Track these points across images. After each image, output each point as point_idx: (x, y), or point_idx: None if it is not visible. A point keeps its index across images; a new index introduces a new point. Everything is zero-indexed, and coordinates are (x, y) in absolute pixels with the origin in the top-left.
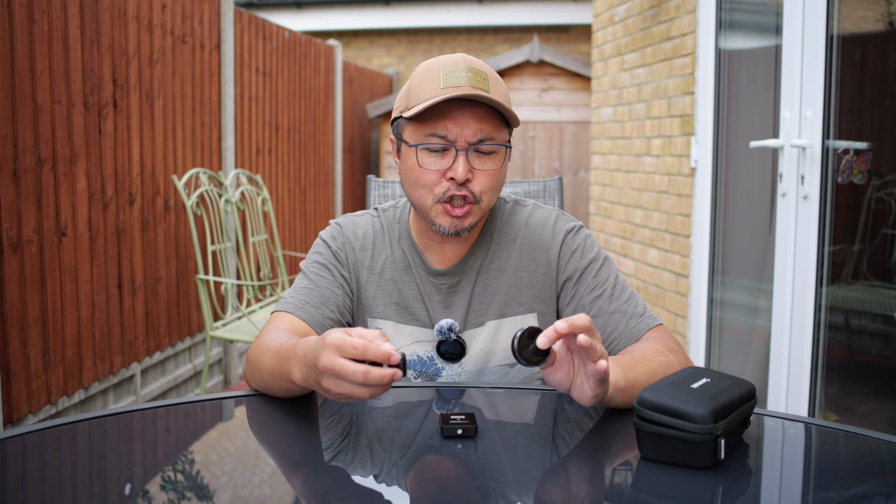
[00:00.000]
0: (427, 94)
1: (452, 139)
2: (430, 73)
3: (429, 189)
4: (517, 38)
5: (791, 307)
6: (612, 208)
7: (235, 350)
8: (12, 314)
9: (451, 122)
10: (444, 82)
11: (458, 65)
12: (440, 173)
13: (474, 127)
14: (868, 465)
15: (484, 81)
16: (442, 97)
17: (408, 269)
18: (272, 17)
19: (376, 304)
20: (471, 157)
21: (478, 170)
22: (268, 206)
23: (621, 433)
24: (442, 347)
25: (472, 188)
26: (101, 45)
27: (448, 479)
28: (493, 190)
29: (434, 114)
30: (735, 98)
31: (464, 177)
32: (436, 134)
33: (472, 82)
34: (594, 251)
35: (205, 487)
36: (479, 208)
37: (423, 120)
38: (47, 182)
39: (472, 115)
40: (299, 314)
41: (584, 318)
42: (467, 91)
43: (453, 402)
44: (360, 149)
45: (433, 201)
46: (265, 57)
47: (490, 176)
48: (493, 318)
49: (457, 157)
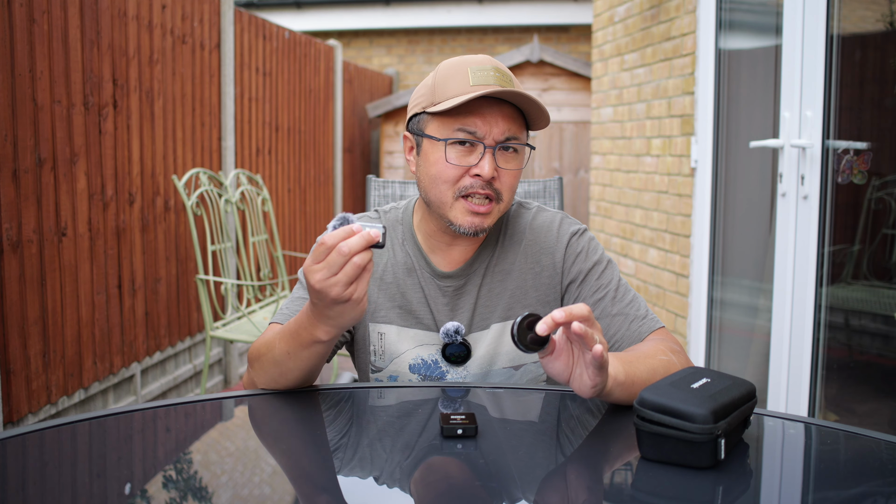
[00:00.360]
0: (456, 91)
1: (481, 136)
2: (456, 71)
3: (450, 184)
4: (517, 38)
5: (791, 307)
6: (612, 208)
7: (235, 350)
8: (12, 314)
9: (481, 119)
10: (474, 80)
11: (486, 64)
12: (464, 169)
13: (503, 125)
14: (868, 465)
15: (511, 82)
16: (477, 93)
17: (411, 272)
18: (272, 17)
19: (378, 309)
20: (497, 156)
21: (503, 168)
22: (268, 206)
23: (621, 433)
24: (447, 351)
25: (496, 186)
26: (101, 46)
27: (449, 480)
28: (513, 190)
29: (463, 111)
30: (735, 98)
31: (490, 174)
32: (465, 129)
33: (500, 82)
34: (598, 254)
35: (205, 487)
36: (499, 208)
37: (452, 115)
38: (47, 182)
39: (500, 113)
40: None
41: (582, 307)
42: (500, 89)
43: (459, 402)
44: (360, 149)
45: (454, 197)
46: (265, 57)
47: (513, 175)
48: (497, 320)
49: (484, 154)
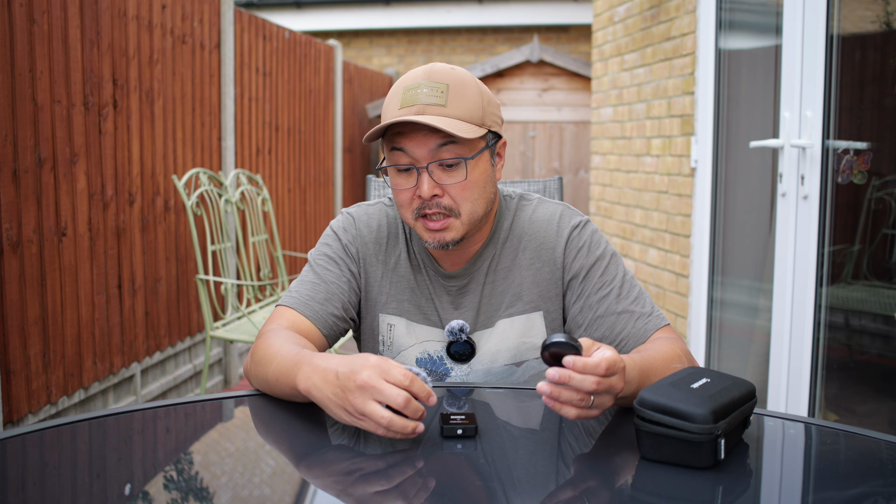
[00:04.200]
0: (388, 115)
1: (413, 157)
2: (393, 94)
3: (406, 208)
4: (517, 38)
5: (791, 307)
6: (612, 208)
7: (235, 350)
8: (12, 314)
9: (408, 140)
10: (402, 102)
11: (418, 80)
12: (412, 191)
13: (431, 142)
14: (868, 465)
15: (441, 95)
16: (393, 119)
17: (419, 269)
18: (272, 17)
19: (390, 301)
20: (436, 173)
21: (445, 183)
22: (268, 206)
23: (621, 433)
24: (452, 348)
25: (444, 202)
26: (101, 46)
27: (448, 480)
28: (471, 200)
29: (394, 134)
30: (735, 98)
31: (429, 193)
32: (398, 150)
33: (428, 98)
34: (601, 248)
35: (205, 488)
36: (460, 221)
37: (387, 140)
38: (47, 182)
39: (427, 130)
40: (303, 310)
41: (599, 364)
42: (412, 114)
43: (464, 400)
44: (360, 149)
45: (413, 218)
46: (265, 57)
47: (459, 188)
48: (501, 317)
49: (419, 175)
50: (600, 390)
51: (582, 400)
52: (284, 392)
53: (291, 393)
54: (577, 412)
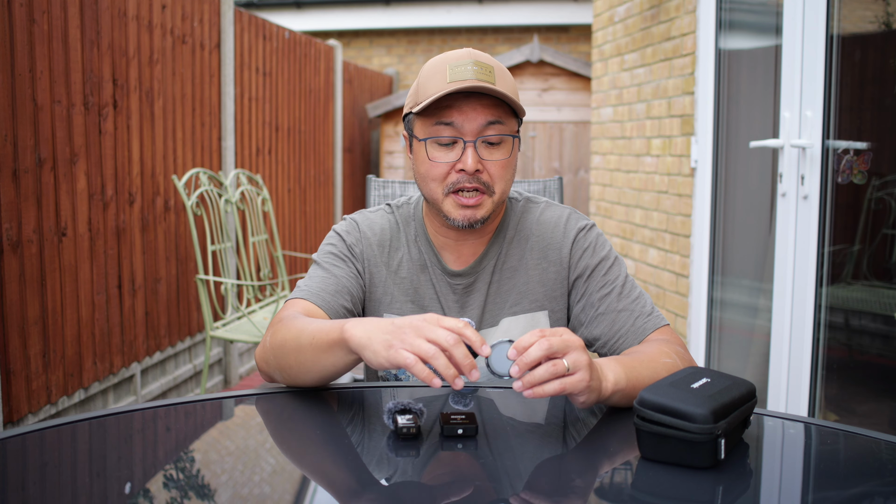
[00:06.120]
0: (434, 89)
1: (461, 131)
2: (437, 70)
3: (439, 182)
4: (517, 38)
5: (791, 307)
6: (612, 208)
7: (235, 350)
8: (12, 314)
9: (459, 114)
10: (451, 76)
11: (464, 59)
12: (450, 165)
13: (481, 118)
14: (868, 465)
15: (490, 74)
16: (447, 90)
17: (424, 269)
18: (272, 17)
19: (394, 302)
20: (479, 149)
21: (487, 160)
22: (268, 206)
23: (621, 433)
24: None
25: (483, 178)
26: (101, 46)
27: (449, 479)
28: (505, 180)
29: (441, 107)
30: (735, 98)
31: (473, 167)
32: (443, 124)
33: (478, 75)
34: (605, 250)
35: (205, 486)
36: (492, 200)
37: (431, 114)
38: (47, 182)
39: (478, 106)
40: (315, 301)
41: (528, 338)
42: (472, 83)
43: (469, 398)
44: (360, 149)
45: (444, 193)
46: (265, 57)
47: (500, 166)
48: (506, 315)
49: (465, 148)
50: (558, 348)
51: (555, 366)
52: (316, 351)
53: (325, 347)
54: (560, 383)
